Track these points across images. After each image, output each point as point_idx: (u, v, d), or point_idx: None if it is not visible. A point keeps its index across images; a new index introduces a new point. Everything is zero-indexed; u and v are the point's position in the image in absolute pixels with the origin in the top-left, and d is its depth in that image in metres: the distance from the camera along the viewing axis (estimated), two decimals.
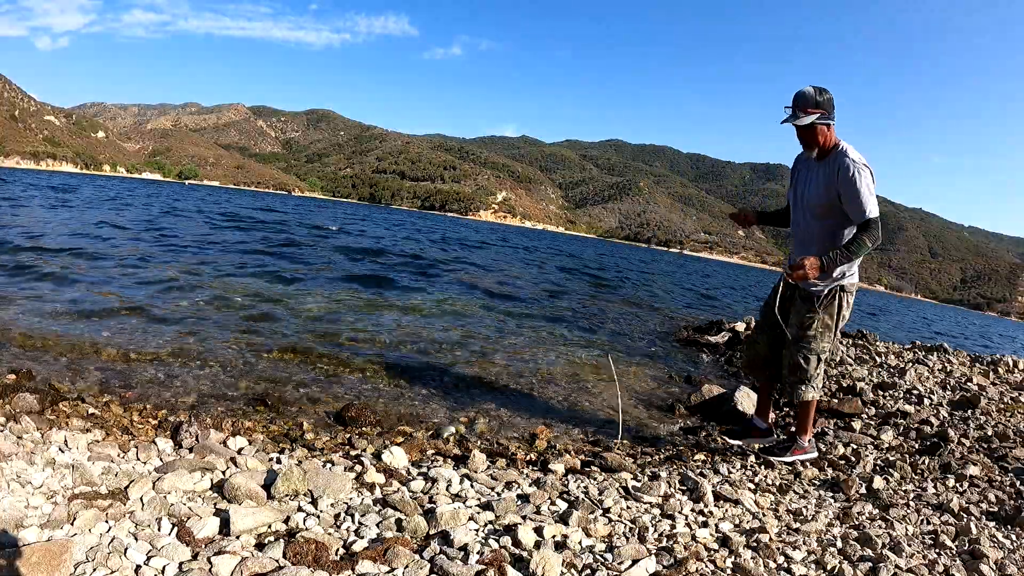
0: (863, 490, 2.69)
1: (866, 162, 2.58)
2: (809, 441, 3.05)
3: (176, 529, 1.63)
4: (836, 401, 4.18)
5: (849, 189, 2.53)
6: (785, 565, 1.87)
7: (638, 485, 2.43)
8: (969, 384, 5.19)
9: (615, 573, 1.69)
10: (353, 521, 1.83)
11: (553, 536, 1.86)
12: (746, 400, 3.85)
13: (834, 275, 2.70)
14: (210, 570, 1.48)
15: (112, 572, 1.41)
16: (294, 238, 13.78)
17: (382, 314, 6.03)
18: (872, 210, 2.52)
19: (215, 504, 1.84)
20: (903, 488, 2.76)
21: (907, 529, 2.29)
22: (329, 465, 2.29)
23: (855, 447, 3.34)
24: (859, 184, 2.51)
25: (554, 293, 10.03)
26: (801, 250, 2.82)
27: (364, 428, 2.98)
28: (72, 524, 1.58)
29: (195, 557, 1.53)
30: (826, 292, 2.74)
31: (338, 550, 1.65)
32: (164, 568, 1.46)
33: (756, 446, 3.10)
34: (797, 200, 2.85)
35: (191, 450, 2.27)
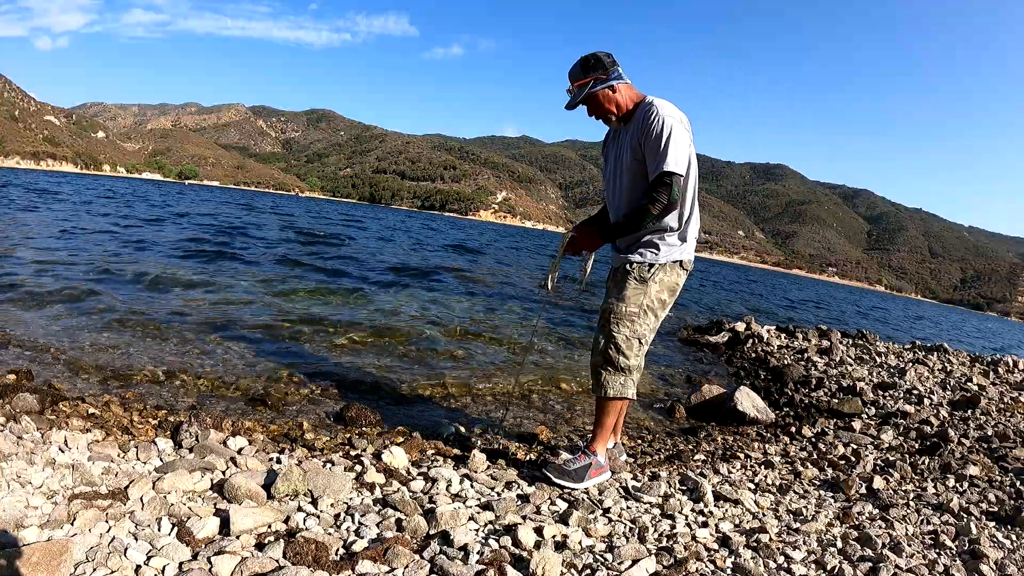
0: (863, 490, 2.69)
1: (681, 117, 2.21)
2: (607, 449, 2.52)
3: (176, 529, 1.63)
4: (836, 401, 4.18)
5: (649, 138, 2.16)
6: (785, 565, 1.87)
7: (638, 485, 2.43)
8: (969, 384, 5.19)
9: (615, 573, 1.69)
10: (353, 521, 1.83)
11: (553, 536, 1.86)
12: (746, 400, 3.85)
13: (648, 250, 2.32)
14: (210, 570, 1.48)
15: (112, 572, 1.41)
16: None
17: (383, 315, 6.03)
18: (670, 163, 2.10)
19: (215, 504, 1.84)
20: (903, 488, 2.76)
21: (907, 529, 2.29)
22: (329, 465, 2.29)
23: (855, 447, 3.34)
24: (659, 131, 2.13)
25: (553, 294, 10.03)
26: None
27: (364, 428, 2.98)
28: (72, 524, 1.57)
29: (195, 557, 1.53)
30: (629, 266, 2.34)
31: (338, 550, 1.65)
32: (164, 568, 1.46)
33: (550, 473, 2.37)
34: (609, 177, 2.46)
35: (191, 450, 2.27)
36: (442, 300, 7.52)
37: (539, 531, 1.86)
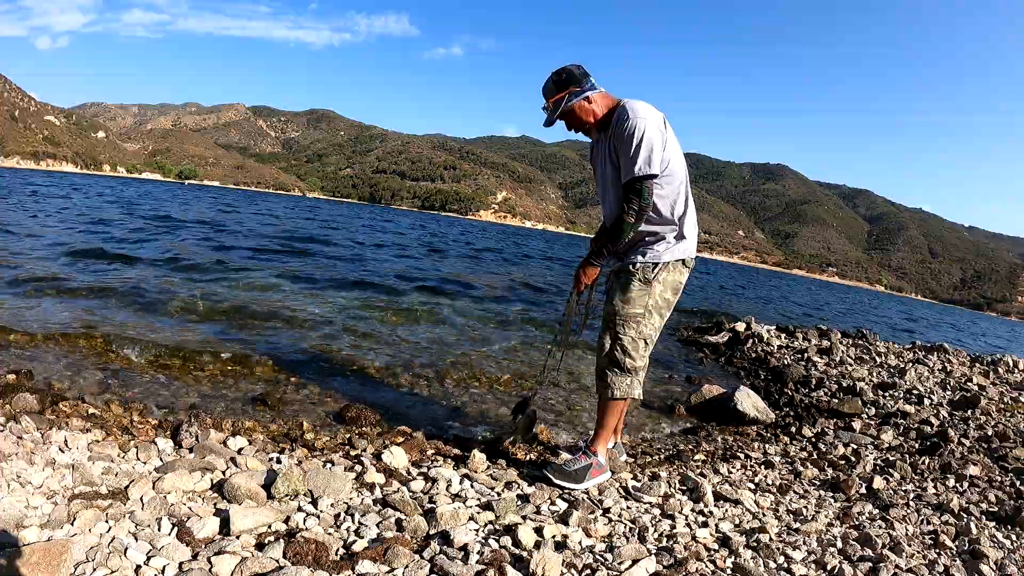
0: (863, 490, 2.70)
1: (654, 116, 2.16)
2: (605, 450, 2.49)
3: (176, 529, 1.63)
4: (836, 401, 4.18)
5: (621, 143, 2.15)
6: (785, 565, 1.87)
7: (638, 485, 2.43)
8: (969, 384, 5.19)
9: (615, 573, 1.69)
10: (353, 521, 1.83)
11: (553, 536, 1.86)
12: (746, 400, 3.85)
13: (650, 249, 2.31)
14: (210, 570, 1.48)
15: (112, 572, 1.41)
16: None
17: (382, 317, 6.03)
18: (639, 167, 2.09)
19: (215, 504, 1.84)
20: (903, 488, 2.76)
21: (907, 529, 2.29)
22: (329, 465, 2.29)
23: (855, 447, 3.34)
24: (629, 134, 2.11)
25: (553, 294, 10.03)
26: None
27: (364, 428, 2.98)
28: (72, 524, 1.58)
29: (195, 557, 1.53)
30: (632, 267, 2.32)
31: (338, 550, 1.65)
32: (164, 568, 1.46)
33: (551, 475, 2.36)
34: (599, 188, 2.47)
35: (191, 450, 2.27)
36: (444, 302, 7.52)
37: (539, 531, 1.86)
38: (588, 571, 1.69)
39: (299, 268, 8.85)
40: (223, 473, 2.07)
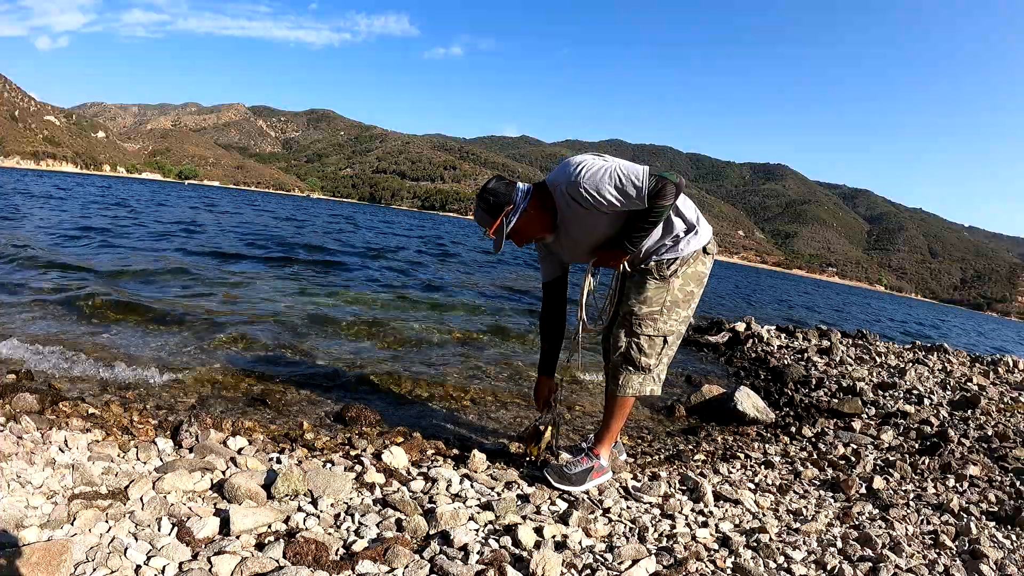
0: (863, 490, 2.70)
1: (583, 161, 2.10)
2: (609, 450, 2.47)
3: (176, 529, 1.63)
4: (836, 401, 4.18)
5: (610, 198, 2.03)
6: (785, 565, 1.87)
7: (638, 485, 2.43)
8: (969, 384, 5.19)
9: (615, 573, 1.69)
10: (353, 521, 1.83)
11: (553, 536, 1.86)
12: (746, 400, 3.85)
13: (662, 245, 2.26)
14: (210, 570, 1.48)
15: (112, 572, 1.41)
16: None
17: (383, 315, 6.03)
18: (639, 182, 1.98)
19: (215, 504, 1.84)
20: (903, 488, 2.76)
21: (907, 529, 2.29)
22: (329, 465, 2.29)
23: (855, 447, 3.34)
24: (597, 190, 2.02)
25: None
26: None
27: (364, 428, 2.98)
28: (72, 524, 1.58)
29: (195, 557, 1.53)
30: (645, 265, 2.29)
31: (338, 550, 1.65)
32: (164, 568, 1.46)
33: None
34: (576, 249, 2.36)
35: (191, 450, 2.27)
36: (446, 303, 7.52)
37: (539, 531, 1.86)
38: (588, 571, 1.69)
39: (300, 270, 8.85)
40: (223, 473, 2.07)
